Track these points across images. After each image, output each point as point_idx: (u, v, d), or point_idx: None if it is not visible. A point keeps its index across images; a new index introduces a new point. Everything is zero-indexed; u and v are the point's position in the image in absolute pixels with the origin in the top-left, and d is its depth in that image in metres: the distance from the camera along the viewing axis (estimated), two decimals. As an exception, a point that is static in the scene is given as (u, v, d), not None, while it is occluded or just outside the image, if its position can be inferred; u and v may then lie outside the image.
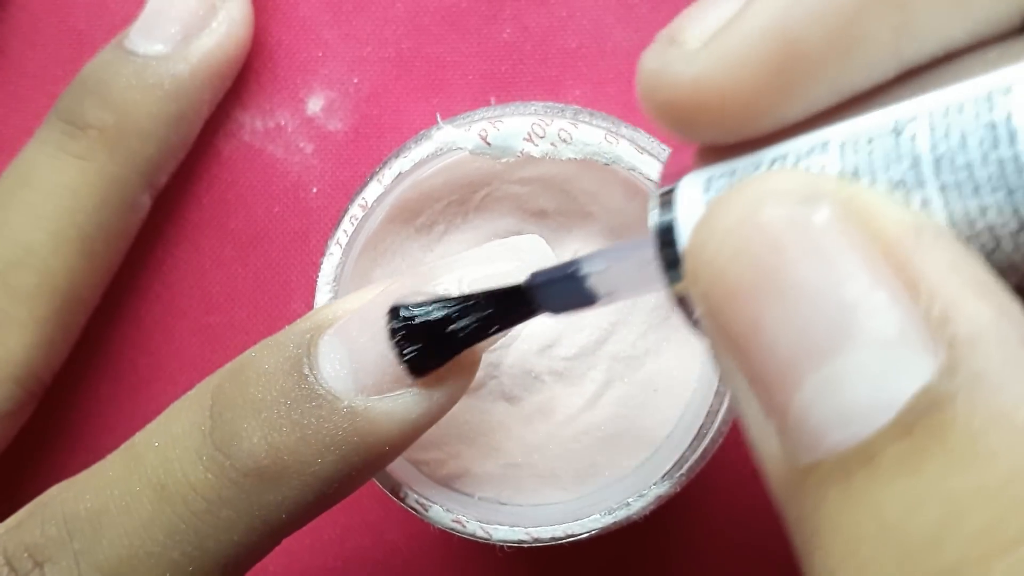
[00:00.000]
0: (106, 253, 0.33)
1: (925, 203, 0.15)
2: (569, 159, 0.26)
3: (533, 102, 0.27)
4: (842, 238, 0.14)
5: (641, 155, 0.26)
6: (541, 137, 0.26)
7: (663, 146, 0.27)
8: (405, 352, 0.22)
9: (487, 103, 0.35)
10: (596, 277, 0.20)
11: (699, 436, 0.26)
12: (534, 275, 0.21)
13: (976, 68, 0.15)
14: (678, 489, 0.26)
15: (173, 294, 0.36)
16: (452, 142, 0.27)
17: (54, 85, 0.36)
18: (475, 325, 0.22)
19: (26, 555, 0.23)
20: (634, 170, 0.26)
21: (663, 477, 0.26)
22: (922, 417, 0.13)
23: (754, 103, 0.16)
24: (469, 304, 0.22)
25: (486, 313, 0.21)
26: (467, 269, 0.23)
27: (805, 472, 0.14)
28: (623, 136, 0.26)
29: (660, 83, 0.17)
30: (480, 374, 0.29)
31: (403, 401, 0.22)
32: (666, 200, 0.17)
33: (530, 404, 0.29)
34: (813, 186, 0.15)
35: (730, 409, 0.27)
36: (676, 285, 0.17)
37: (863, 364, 0.14)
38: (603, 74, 0.35)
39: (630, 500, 0.26)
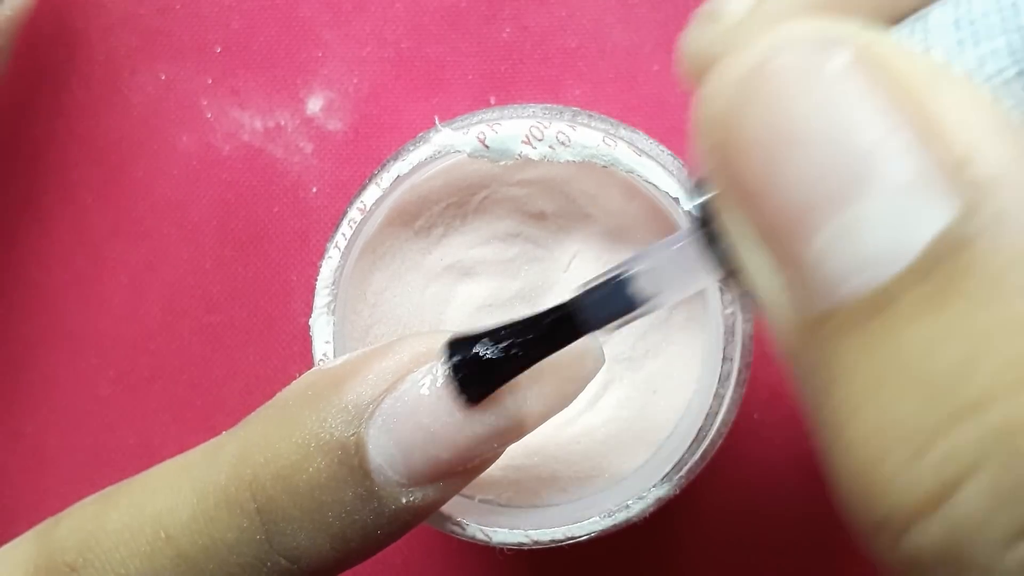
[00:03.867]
0: None
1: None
2: (568, 161, 0.26)
3: (531, 104, 0.27)
4: (858, 83, 0.14)
5: (639, 157, 0.26)
6: (539, 140, 0.26)
7: (662, 148, 0.27)
8: (464, 387, 0.21)
9: (487, 103, 0.35)
10: (637, 279, 0.19)
11: (698, 438, 0.26)
12: (575, 297, 0.21)
13: None
14: (677, 491, 0.26)
15: (173, 294, 0.36)
16: (450, 145, 0.26)
17: (53, 83, 0.36)
18: (526, 354, 0.21)
19: None
20: (632, 172, 0.26)
21: (662, 479, 0.26)
22: (943, 260, 0.13)
23: None
24: (518, 334, 0.21)
25: (535, 341, 0.21)
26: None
27: (819, 321, 0.14)
28: (621, 138, 0.26)
29: (706, 61, 0.16)
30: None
31: (442, 489, 0.23)
32: (701, 182, 0.17)
33: (529, 406, 0.29)
34: (829, 33, 0.14)
35: (730, 411, 0.26)
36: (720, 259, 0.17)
37: (881, 209, 0.13)
38: (603, 74, 0.35)
39: (630, 502, 0.26)
